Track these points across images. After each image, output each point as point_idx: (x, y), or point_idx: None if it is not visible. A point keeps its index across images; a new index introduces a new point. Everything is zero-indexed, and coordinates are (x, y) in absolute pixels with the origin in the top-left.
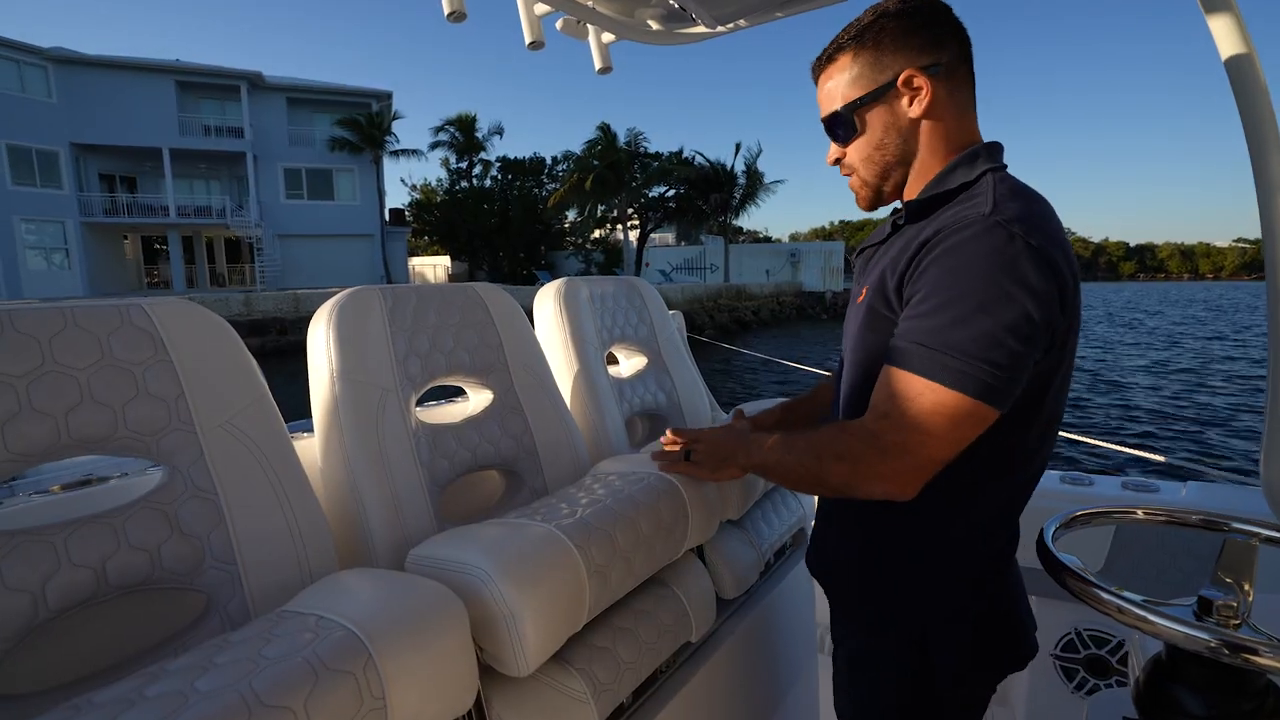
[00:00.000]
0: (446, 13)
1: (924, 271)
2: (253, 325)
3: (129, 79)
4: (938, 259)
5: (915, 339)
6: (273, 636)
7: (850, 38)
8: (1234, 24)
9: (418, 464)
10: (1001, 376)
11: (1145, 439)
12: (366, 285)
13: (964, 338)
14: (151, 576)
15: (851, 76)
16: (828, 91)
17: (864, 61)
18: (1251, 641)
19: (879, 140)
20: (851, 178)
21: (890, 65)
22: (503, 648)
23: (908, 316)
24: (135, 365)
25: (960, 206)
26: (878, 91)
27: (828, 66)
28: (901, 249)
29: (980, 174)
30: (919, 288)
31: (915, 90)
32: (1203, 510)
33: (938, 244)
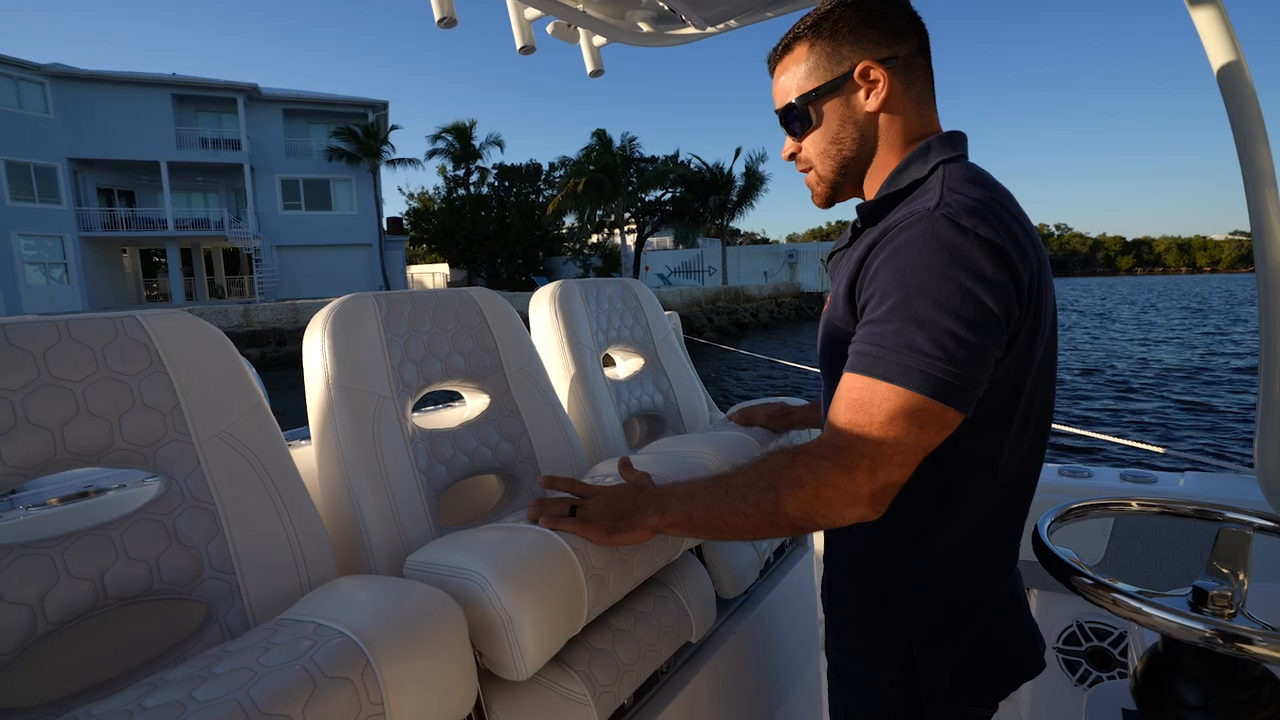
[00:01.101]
0: (437, 19)
1: (874, 275)
2: (252, 336)
3: (126, 93)
4: (886, 261)
5: (871, 343)
6: (271, 645)
7: (806, 28)
8: (1219, 18)
9: (415, 470)
10: (963, 375)
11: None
12: (362, 293)
13: (922, 338)
14: (150, 588)
15: (808, 68)
16: (782, 84)
17: (820, 52)
18: (1245, 631)
19: (835, 134)
20: (808, 174)
21: (848, 57)
22: (501, 652)
23: (863, 323)
24: (131, 377)
25: (910, 203)
26: (834, 83)
27: (784, 58)
28: (859, 253)
29: (933, 168)
30: (871, 292)
31: (872, 83)
32: (1197, 500)
33: (885, 245)
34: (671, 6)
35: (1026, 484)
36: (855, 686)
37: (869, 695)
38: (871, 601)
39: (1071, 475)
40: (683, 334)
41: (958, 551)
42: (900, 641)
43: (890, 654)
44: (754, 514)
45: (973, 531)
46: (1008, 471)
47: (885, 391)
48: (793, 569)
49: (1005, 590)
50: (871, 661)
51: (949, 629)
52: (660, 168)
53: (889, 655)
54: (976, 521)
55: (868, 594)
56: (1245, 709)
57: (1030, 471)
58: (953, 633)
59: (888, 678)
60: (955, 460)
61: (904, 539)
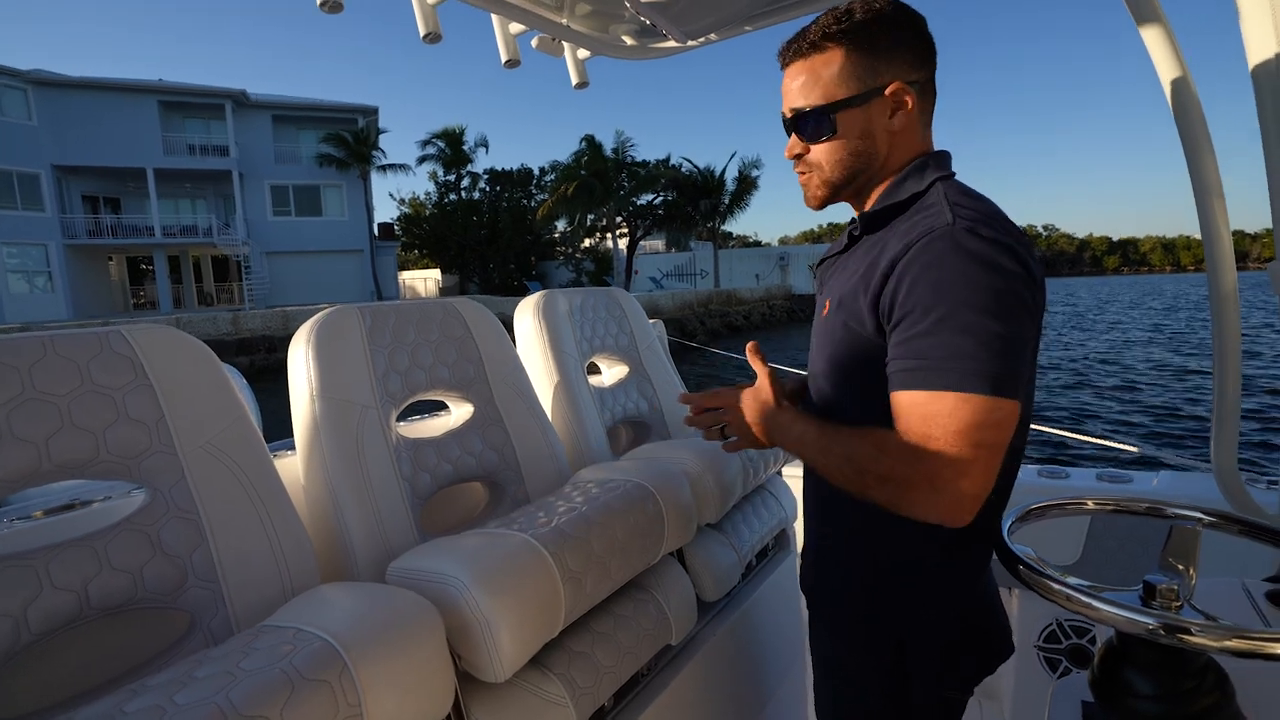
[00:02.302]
0: (422, 34)
1: (908, 289)
2: (241, 344)
3: (111, 100)
4: (919, 275)
5: (925, 356)
6: (251, 650)
7: (841, 32)
8: (1165, 36)
9: (399, 478)
10: (1011, 367)
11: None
12: (346, 304)
13: (972, 344)
14: (134, 597)
15: (838, 74)
16: (803, 82)
17: (855, 62)
18: (1185, 622)
19: (854, 146)
20: (809, 175)
21: (883, 73)
22: (479, 655)
23: (909, 337)
24: (115, 390)
25: (918, 217)
26: (864, 96)
27: (810, 54)
28: (868, 264)
29: (930, 183)
30: (908, 306)
31: (899, 104)
32: (1151, 498)
33: (913, 260)
34: (652, 21)
35: (1010, 479)
36: (844, 677)
37: (858, 685)
38: (867, 598)
39: (1049, 477)
40: (668, 340)
41: (952, 547)
42: (894, 636)
43: (884, 647)
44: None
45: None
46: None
47: (953, 400)
48: (775, 571)
49: (987, 580)
50: (864, 654)
51: (942, 622)
52: (652, 171)
53: (883, 649)
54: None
55: (863, 591)
56: (1190, 696)
57: (1015, 466)
58: (945, 626)
59: (879, 670)
60: None
61: (902, 537)
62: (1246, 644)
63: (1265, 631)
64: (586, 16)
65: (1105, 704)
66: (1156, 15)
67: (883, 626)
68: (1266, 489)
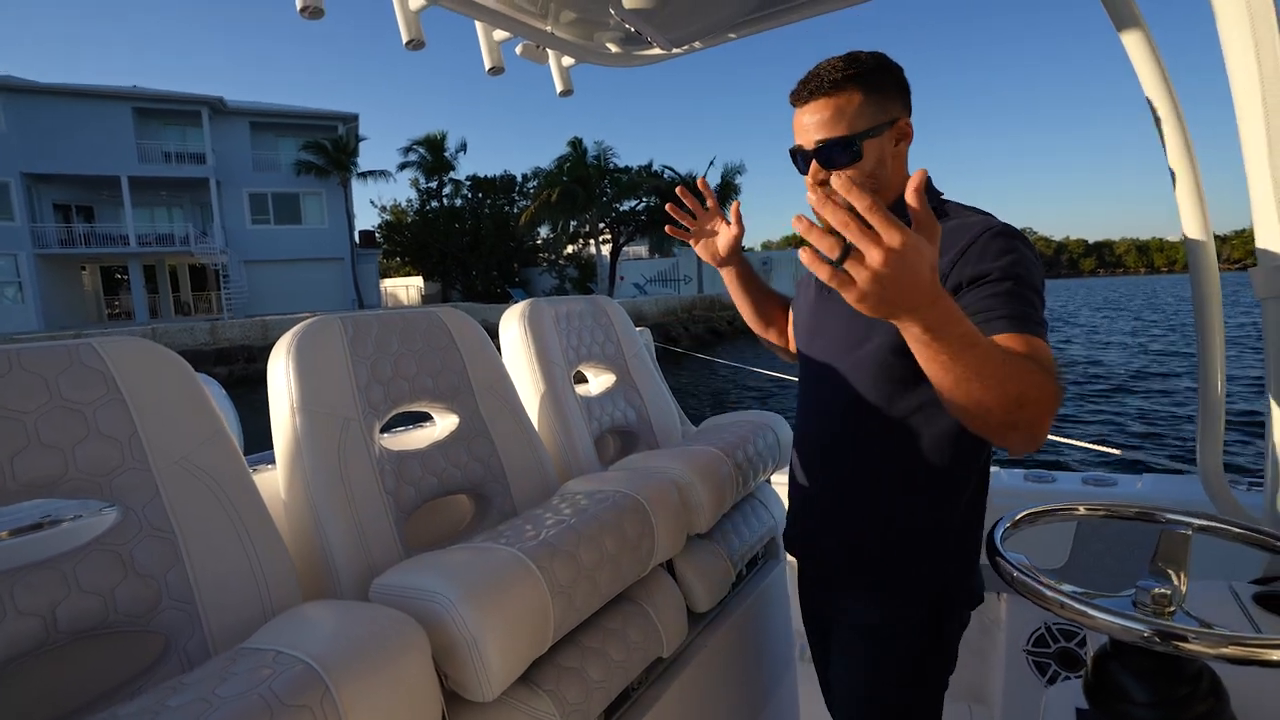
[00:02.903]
0: (405, 40)
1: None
2: (219, 354)
3: (83, 106)
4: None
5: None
6: (229, 675)
7: (857, 74)
8: (1145, 43)
9: (382, 492)
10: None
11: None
12: (327, 314)
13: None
14: (105, 620)
15: (858, 108)
16: (829, 118)
17: (870, 99)
18: (1180, 629)
19: (872, 169)
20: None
21: (889, 110)
22: (466, 673)
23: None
24: (85, 405)
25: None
26: (879, 128)
27: (831, 94)
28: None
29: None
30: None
31: (903, 134)
32: (1141, 503)
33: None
34: (637, 29)
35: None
36: (882, 637)
37: (901, 638)
38: (909, 559)
39: (1036, 481)
40: (654, 347)
41: (972, 500)
42: (936, 587)
43: (923, 601)
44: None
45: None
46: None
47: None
48: (767, 579)
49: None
50: (905, 613)
51: (969, 565)
52: (634, 178)
53: (922, 602)
54: (979, 480)
55: (905, 553)
56: (1185, 703)
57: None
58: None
59: (918, 623)
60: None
61: (933, 499)
62: (1243, 651)
63: (1261, 638)
64: (571, 24)
65: (1099, 710)
66: (1136, 19)
67: (925, 583)
68: (1249, 490)
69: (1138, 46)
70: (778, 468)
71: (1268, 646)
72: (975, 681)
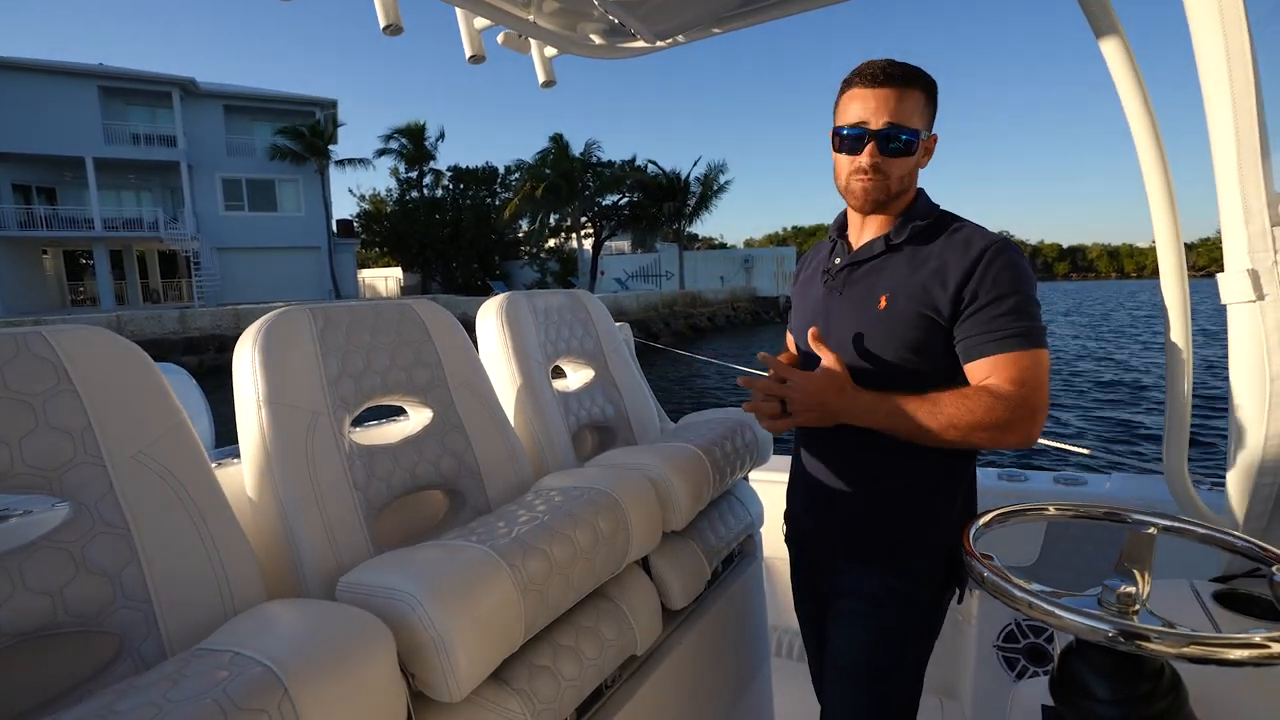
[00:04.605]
0: (382, 25)
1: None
2: (189, 343)
3: (44, 83)
4: (1000, 273)
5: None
6: (182, 677)
7: (921, 78)
8: (1121, 46)
9: (352, 488)
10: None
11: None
12: (296, 305)
13: (1035, 316)
14: (54, 620)
15: (921, 108)
16: (903, 107)
17: (928, 107)
18: (1143, 629)
19: (913, 166)
20: (877, 181)
21: (931, 123)
22: (433, 674)
23: (999, 314)
24: (34, 396)
25: (962, 233)
26: (926, 134)
27: (908, 86)
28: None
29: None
30: (994, 293)
31: (929, 150)
32: (1109, 503)
33: (991, 263)
34: (621, 20)
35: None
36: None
37: (909, 602)
38: (924, 522)
39: (1009, 479)
40: (634, 342)
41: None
42: (945, 547)
43: (939, 559)
44: (952, 436)
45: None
46: None
47: (1036, 355)
48: (741, 578)
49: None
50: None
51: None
52: (617, 173)
53: (938, 560)
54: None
55: (920, 517)
56: (1147, 699)
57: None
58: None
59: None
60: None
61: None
62: (1203, 650)
63: (1220, 637)
64: (554, 13)
65: (1064, 707)
66: (1114, 27)
67: (937, 543)
68: (1210, 489)
69: (1115, 53)
70: (755, 465)
71: (1227, 646)
72: (946, 676)
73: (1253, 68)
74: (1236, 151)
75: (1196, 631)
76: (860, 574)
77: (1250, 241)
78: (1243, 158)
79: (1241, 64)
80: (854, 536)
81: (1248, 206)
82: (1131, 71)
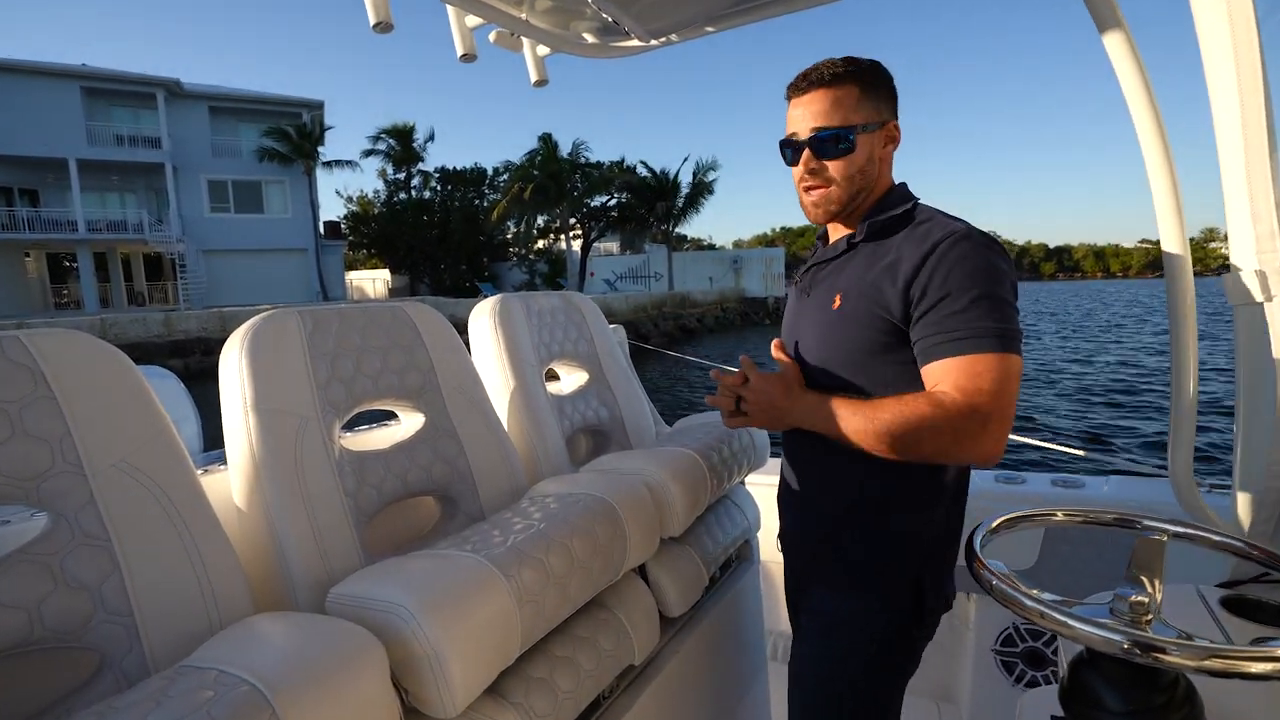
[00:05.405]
0: (372, 23)
1: (944, 277)
2: (175, 346)
3: (25, 84)
4: (954, 266)
5: (968, 326)
6: (165, 697)
7: (852, 72)
8: (1126, 43)
9: (342, 494)
10: (1019, 332)
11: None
12: (284, 308)
13: (999, 316)
14: (30, 637)
15: (853, 104)
16: (826, 108)
17: (866, 97)
18: (1160, 640)
19: (862, 165)
20: (819, 190)
21: (882, 111)
22: (427, 689)
23: (950, 313)
24: (10, 403)
25: (925, 227)
26: (872, 125)
27: (830, 86)
28: (889, 262)
29: (911, 204)
30: (946, 289)
31: (891, 136)
32: (1117, 509)
33: (944, 255)
34: (615, 19)
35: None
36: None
37: (864, 631)
38: (893, 543)
39: (1006, 482)
40: (628, 344)
41: (954, 487)
42: (913, 576)
43: (904, 588)
44: (892, 444)
45: (958, 490)
46: None
47: (993, 360)
48: (740, 582)
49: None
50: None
51: (948, 555)
52: (606, 173)
53: (903, 591)
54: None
55: (889, 536)
56: (1162, 712)
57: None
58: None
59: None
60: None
61: (917, 484)
62: (1224, 664)
63: (1243, 650)
64: (547, 12)
65: (1074, 718)
66: (1118, 22)
67: (907, 567)
68: (1210, 491)
69: (1119, 49)
70: (753, 468)
71: (1249, 659)
72: (943, 680)
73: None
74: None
75: (1216, 644)
76: (824, 593)
77: (1258, 242)
78: (1250, 157)
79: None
80: (816, 552)
81: (1255, 207)
82: (1135, 65)
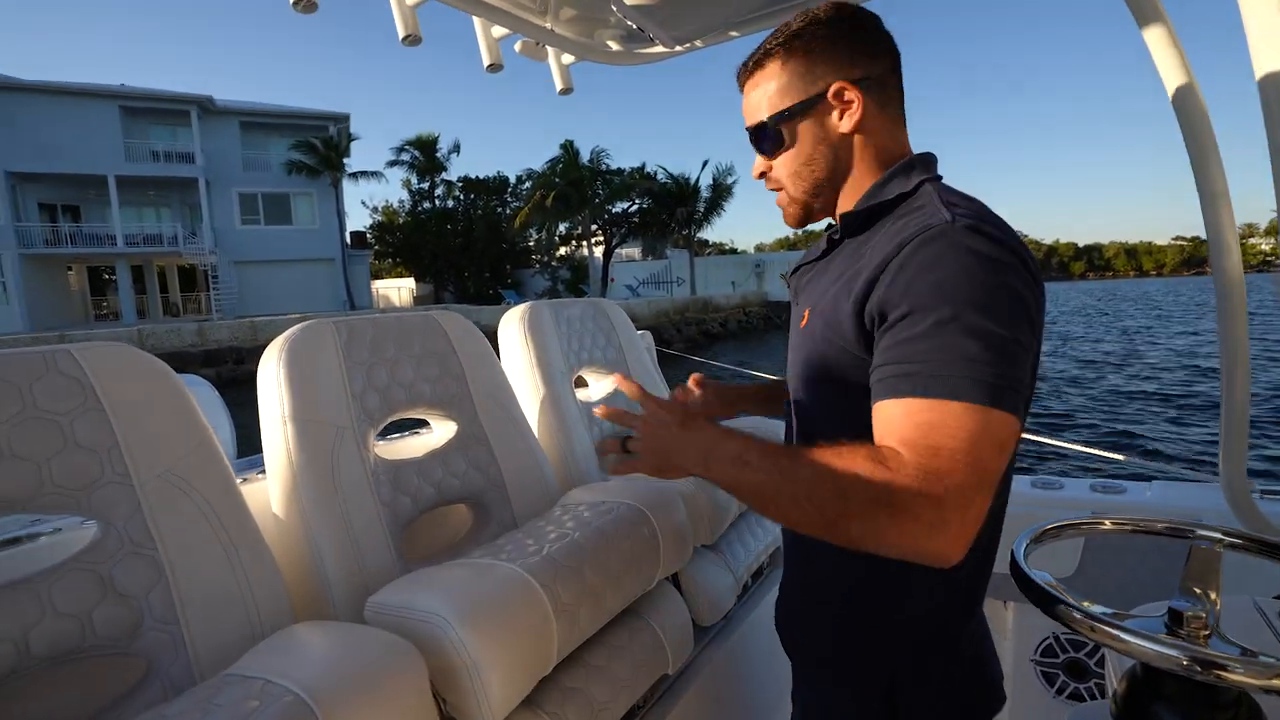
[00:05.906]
0: (401, 36)
1: (904, 290)
2: (208, 355)
3: (69, 105)
4: (916, 275)
5: (924, 360)
6: (212, 706)
7: (778, 44)
8: (1169, 39)
9: (378, 503)
10: (1017, 379)
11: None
12: (319, 319)
13: (977, 348)
14: (82, 644)
15: (780, 86)
16: (753, 100)
17: (793, 70)
18: (1222, 658)
19: (808, 155)
20: (779, 194)
21: (822, 76)
22: (466, 699)
23: (903, 339)
24: (62, 415)
25: (909, 217)
26: (807, 103)
27: (755, 73)
28: (852, 269)
29: (918, 184)
30: (904, 308)
31: (846, 104)
32: (1167, 517)
33: (908, 259)
34: (640, 26)
35: (1002, 499)
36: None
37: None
38: (861, 633)
39: (1043, 488)
40: (655, 350)
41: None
42: (884, 673)
43: (874, 688)
44: (810, 514)
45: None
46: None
47: (959, 410)
48: (772, 590)
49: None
50: (849, 698)
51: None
52: (627, 180)
53: (872, 689)
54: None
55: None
56: None
57: (1006, 485)
58: (936, 661)
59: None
60: None
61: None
62: None
63: None
64: (571, 21)
65: None
66: (1159, 16)
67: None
68: (1262, 498)
69: (1161, 45)
70: None
71: None
72: None
73: None
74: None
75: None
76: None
77: None
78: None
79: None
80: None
81: None
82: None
